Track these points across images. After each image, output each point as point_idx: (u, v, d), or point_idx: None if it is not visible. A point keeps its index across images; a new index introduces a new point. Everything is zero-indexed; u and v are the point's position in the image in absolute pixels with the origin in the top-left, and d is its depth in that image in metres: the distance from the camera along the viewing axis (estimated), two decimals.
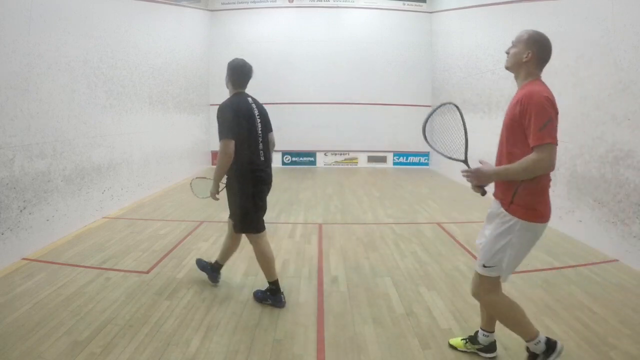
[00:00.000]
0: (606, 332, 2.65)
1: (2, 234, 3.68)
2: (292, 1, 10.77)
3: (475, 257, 4.03)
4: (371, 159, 11.10)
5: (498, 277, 2.17)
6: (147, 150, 6.88)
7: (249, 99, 3.18)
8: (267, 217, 5.75)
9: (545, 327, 2.72)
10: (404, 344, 2.54)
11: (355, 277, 3.58)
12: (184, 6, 9.15)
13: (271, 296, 3.03)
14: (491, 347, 2.40)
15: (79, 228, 4.89)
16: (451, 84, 9.29)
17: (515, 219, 2.03)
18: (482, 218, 5.53)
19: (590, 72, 4.51)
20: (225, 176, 3.01)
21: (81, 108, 4.99)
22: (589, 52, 4.53)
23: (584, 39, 4.61)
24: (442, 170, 9.94)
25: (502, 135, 2.21)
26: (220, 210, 5.90)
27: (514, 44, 2.16)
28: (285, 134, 10.84)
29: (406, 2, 10.79)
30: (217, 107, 3.03)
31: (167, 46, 7.80)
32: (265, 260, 3.03)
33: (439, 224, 5.36)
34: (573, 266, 3.85)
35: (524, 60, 2.09)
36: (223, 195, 3.22)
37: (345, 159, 11.09)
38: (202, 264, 3.49)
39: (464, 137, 2.48)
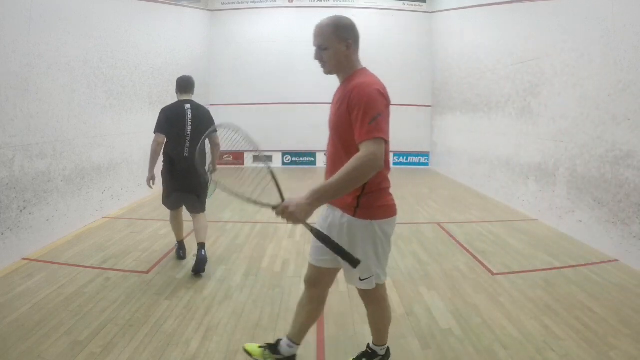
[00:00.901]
0: (606, 332, 2.65)
1: (2, 234, 3.68)
2: (292, 1, 10.77)
3: (475, 257, 4.05)
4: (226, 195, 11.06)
5: (383, 282, 2.03)
6: (147, 150, 6.78)
7: (188, 105, 3.72)
8: (267, 217, 5.77)
9: (545, 327, 2.72)
10: (404, 344, 2.54)
11: None
12: (184, 6, 9.15)
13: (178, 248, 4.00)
14: None
15: (79, 228, 4.89)
16: (451, 84, 9.29)
17: (368, 222, 1.85)
18: (482, 218, 5.59)
19: (590, 72, 4.51)
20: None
21: (81, 108, 4.99)
22: (589, 52, 4.53)
23: (584, 39, 4.61)
24: (442, 170, 9.95)
25: (331, 140, 1.93)
26: (221, 210, 5.91)
27: (321, 46, 1.86)
28: (285, 134, 10.89)
29: (406, 2, 10.79)
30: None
31: (167, 46, 7.80)
32: (173, 224, 3.95)
33: (439, 224, 5.36)
34: (573, 266, 3.85)
35: (345, 55, 1.86)
36: (222, 197, 3.23)
37: None
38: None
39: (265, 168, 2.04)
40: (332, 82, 2.09)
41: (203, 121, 3.70)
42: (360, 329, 2.71)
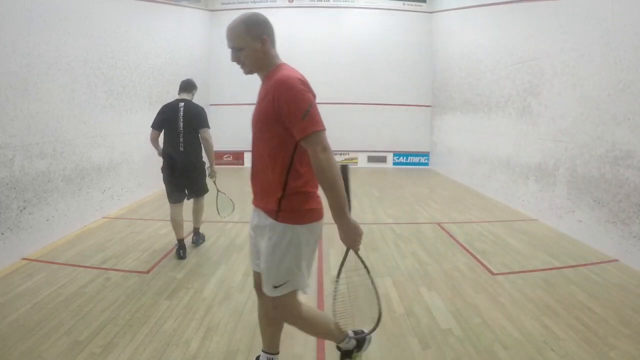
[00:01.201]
0: (606, 332, 2.65)
1: (2, 234, 3.68)
2: (292, 1, 10.77)
3: (475, 257, 4.05)
4: (371, 159, 11.10)
5: (294, 292, 1.88)
6: (147, 150, 6.82)
7: (182, 103, 4.06)
8: None
9: (545, 327, 2.72)
10: (404, 344, 2.54)
11: (355, 277, 3.57)
12: (184, 6, 9.15)
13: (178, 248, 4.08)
14: None
15: (79, 228, 4.89)
16: (451, 84, 9.29)
17: (290, 226, 1.76)
18: (482, 218, 5.60)
19: (590, 72, 4.51)
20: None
21: (81, 108, 4.99)
22: (589, 52, 4.53)
23: (584, 39, 4.61)
24: (442, 170, 9.94)
25: (255, 140, 1.84)
26: (220, 210, 5.90)
27: (236, 47, 1.77)
28: None
29: (406, 2, 10.78)
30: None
31: (167, 46, 7.80)
32: (173, 224, 4.13)
33: (439, 224, 5.36)
34: (573, 266, 3.85)
35: (262, 52, 1.78)
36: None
37: (345, 159, 11.08)
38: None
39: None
40: (332, 82, 2.09)
41: (194, 118, 4.04)
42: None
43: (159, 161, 4.11)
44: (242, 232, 4.89)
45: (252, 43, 1.76)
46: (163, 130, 4.02)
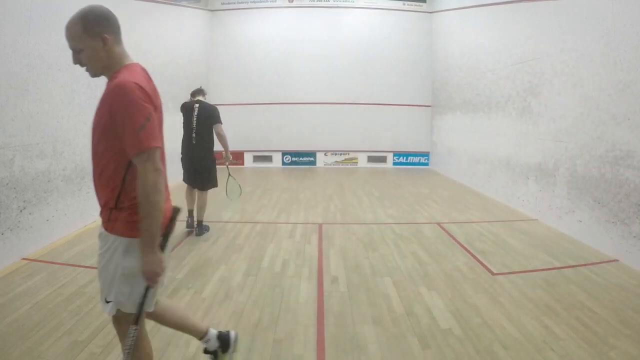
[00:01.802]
0: (606, 332, 2.65)
1: (2, 234, 3.68)
2: (292, 1, 10.77)
3: (475, 257, 4.05)
4: (371, 159, 11.10)
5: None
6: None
7: (196, 104, 4.70)
8: (267, 217, 5.79)
9: (545, 327, 2.72)
10: (404, 344, 2.54)
11: (355, 277, 3.58)
12: (184, 6, 9.15)
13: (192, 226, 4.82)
14: None
15: (79, 228, 4.89)
16: (451, 84, 9.29)
17: (120, 238, 1.62)
18: (482, 218, 5.60)
19: (590, 72, 4.51)
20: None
21: (81, 108, 4.99)
22: (589, 52, 4.53)
23: (584, 39, 4.61)
24: (442, 170, 9.95)
25: (93, 148, 1.65)
26: (220, 210, 5.91)
27: (76, 49, 1.60)
28: (285, 134, 10.90)
29: (406, 2, 10.79)
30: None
31: (167, 46, 7.80)
32: (187, 197, 4.81)
33: (439, 224, 5.36)
34: (573, 266, 3.85)
35: (104, 51, 1.60)
36: (222, 197, 3.27)
37: (345, 159, 11.09)
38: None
39: None
40: (332, 82, 2.08)
41: (207, 117, 4.64)
42: (360, 329, 2.71)
43: None
44: (242, 232, 4.89)
45: (92, 43, 1.57)
46: (182, 125, 4.75)
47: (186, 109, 4.74)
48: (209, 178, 4.73)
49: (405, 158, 11.10)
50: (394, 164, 11.11)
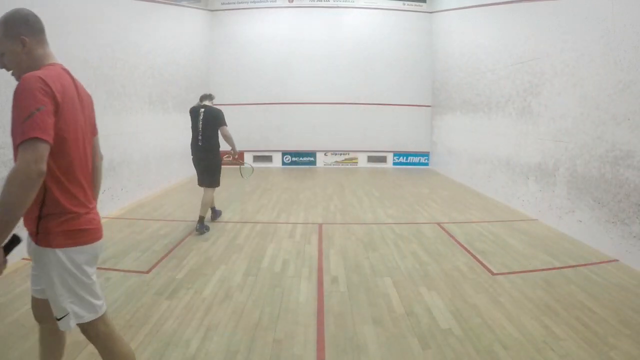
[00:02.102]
0: (606, 332, 2.65)
1: None
2: (292, 1, 10.77)
3: (475, 257, 4.05)
4: (371, 159, 11.10)
5: (94, 318, 1.67)
6: (147, 150, 6.88)
7: (202, 108, 4.98)
8: (267, 217, 5.79)
9: (545, 327, 2.72)
10: (404, 344, 2.54)
11: (355, 277, 3.58)
12: (184, 6, 9.15)
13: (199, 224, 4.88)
14: None
15: None
16: (451, 84, 9.29)
17: (50, 250, 1.55)
18: (482, 218, 5.60)
19: (590, 72, 4.51)
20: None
21: None
22: (589, 52, 4.53)
23: (584, 39, 4.61)
24: (442, 170, 9.95)
25: (14, 151, 1.48)
26: (220, 210, 5.91)
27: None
28: (285, 134, 10.90)
29: (406, 2, 10.79)
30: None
31: (167, 46, 7.80)
32: (203, 201, 4.99)
33: (439, 224, 5.36)
34: (573, 266, 3.85)
35: (24, 53, 1.58)
36: (222, 198, 3.28)
37: (345, 159, 11.09)
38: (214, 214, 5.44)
39: None
40: (332, 82, 2.07)
41: (211, 120, 4.92)
42: (360, 329, 2.71)
43: (159, 161, 4.16)
44: (242, 232, 4.89)
45: (12, 46, 1.56)
46: (190, 127, 5.02)
47: (193, 113, 5.01)
48: (213, 176, 5.07)
49: (405, 158, 11.10)
50: (394, 164, 11.11)
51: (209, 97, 5.14)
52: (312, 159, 11.06)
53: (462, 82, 8.51)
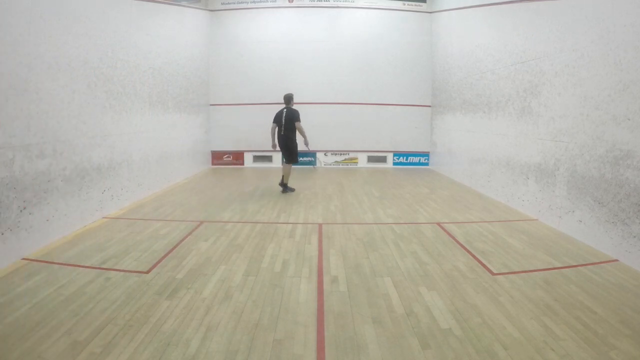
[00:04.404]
0: (606, 332, 2.65)
1: (2, 234, 3.68)
2: (292, 1, 10.77)
3: (475, 257, 4.05)
4: (371, 159, 11.10)
5: None
6: (147, 150, 6.88)
7: (285, 109, 7.24)
8: (267, 217, 5.79)
9: (545, 327, 2.72)
10: (404, 344, 2.54)
11: (355, 277, 3.58)
12: (184, 6, 9.15)
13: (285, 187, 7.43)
14: None
15: (79, 228, 4.89)
16: (451, 84, 9.29)
17: None
18: (482, 218, 5.61)
19: (590, 72, 4.51)
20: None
21: (81, 108, 4.99)
22: (589, 52, 4.53)
23: (584, 39, 4.61)
24: (442, 170, 9.95)
25: None
26: (220, 210, 5.92)
27: None
28: None
29: (406, 2, 10.79)
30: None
31: (167, 46, 7.80)
32: (284, 172, 7.47)
33: (439, 224, 5.36)
34: (573, 266, 3.86)
35: None
36: (222, 198, 3.27)
37: (345, 159, 11.09)
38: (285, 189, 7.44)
39: None
40: (332, 82, 2.07)
41: (291, 117, 7.14)
42: (360, 329, 2.71)
43: (159, 161, 4.16)
44: (242, 232, 4.89)
45: None
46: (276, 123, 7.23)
47: (278, 111, 7.27)
48: (290, 155, 7.31)
49: (405, 158, 11.10)
50: (394, 164, 11.11)
51: (289, 100, 7.27)
52: (312, 159, 11.06)
53: (462, 82, 8.51)
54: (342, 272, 3.70)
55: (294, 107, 7.31)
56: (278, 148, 7.38)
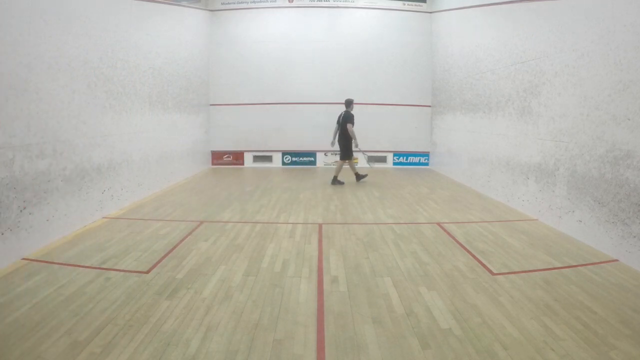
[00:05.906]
0: (606, 332, 2.65)
1: (2, 234, 3.68)
2: (292, 1, 10.77)
3: (475, 257, 4.05)
4: (371, 159, 11.09)
5: None
6: (147, 150, 6.88)
7: (344, 112, 8.21)
8: (267, 217, 5.79)
9: (545, 327, 2.72)
10: (404, 344, 2.54)
11: (355, 277, 3.58)
12: (184, 6, 9.15)
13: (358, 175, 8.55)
14: None
15: (79, 228, 4.89)
16: (451, 84, 9.29)
17: None
18: (482, 218, 5.61)
19: (590, 72, 4.51)
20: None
21: (81, 108, 4.99)
22: (589, 52, 4.53)
23: (584, 39, 4.61)
24: (442, 170, 9.94)
25: None
26: (220, 210, 5.92)
27: None
28: (285, 134, 10.89)
29: (406, 2, 10.78)
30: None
31: (167, 46, 7.80)
32: (338, 168, 8.44)
33: (439, 224, 5.36)
34: (573, 266, 3.86)
35: None
36: (222, 198, 3.26)
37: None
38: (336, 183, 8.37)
39: None
40: (332, 82, 2.07)
41: (344, 120, 8.10)
42: (360, 329, 2.71)
43: (159, 161, 4.16)
44: (242, 232, 4.89)
45: None
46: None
47: (339, 115, 8.32)
48: (344, 152, 8.27)
49: (405, 158, 11.10)
50: (394, 164, 11.11)
51: (348, 104, 8.19)
52: (312, 159, 11.05)
53: (462, 82, 8.51)
54: (342, 272, 3.70)
55: (352, 110, 8.22)
56: (335, 147, 8.49)
